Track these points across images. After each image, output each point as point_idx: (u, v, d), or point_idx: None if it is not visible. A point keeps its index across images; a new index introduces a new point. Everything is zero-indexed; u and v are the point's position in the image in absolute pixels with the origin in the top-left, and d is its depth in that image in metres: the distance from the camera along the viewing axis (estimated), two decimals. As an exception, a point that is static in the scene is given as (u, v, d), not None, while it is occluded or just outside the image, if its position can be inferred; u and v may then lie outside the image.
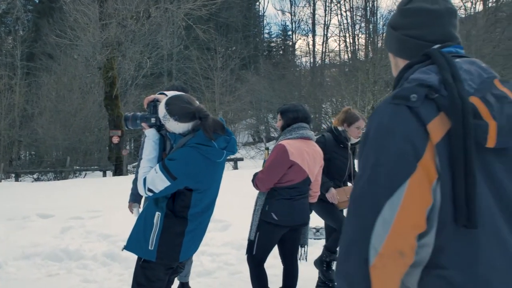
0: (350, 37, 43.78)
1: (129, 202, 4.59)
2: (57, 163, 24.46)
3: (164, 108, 2.93)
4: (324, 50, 45.72)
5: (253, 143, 36.82)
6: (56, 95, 27.34)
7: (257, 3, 48.94)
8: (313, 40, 46.67)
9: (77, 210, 8.75)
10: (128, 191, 4.63)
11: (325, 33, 45.76)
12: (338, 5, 44.84)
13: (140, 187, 2.93)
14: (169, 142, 3.08)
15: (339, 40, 46.04)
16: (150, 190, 2.88)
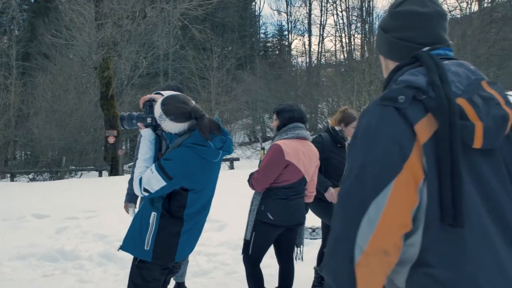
0: (346, 37, 43.86)
1: (125, 202, 4.57)
2: (53, 163, 24.36)
3: (160, 108, 2.92)
4: (320, 50, 45.79)
5: (249, 143, 36.83)
6: (52, 95, 27.24)
7: (253, 3, 48.93)
8: (309, 40, 46.60)
9: (73, 210, 8.74)
10: (124, 191, 4.61)
11: (321, 33, 45.75)
12: (334, 5, 44.91)
13: (136, 187, 2.93)
14: (165, 142, 3.08)
15: (335, 40, 46.27)
16: (146, 190, 2.88)
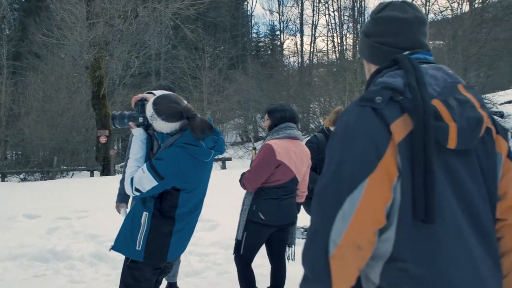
0: (338, 37, 43.94)
1: (117, 202, 4.57)
2: (44, 163, 24.25)
3: (152, 108, 2.92)
4: (312, 50, 45.89)
5: (241, 143, 36.83)
6: (43, 95, 27.09)
7: (245, 3, 48.99)
8: (301, 40, 46.68)
9: (64, 211, 8.70)
10: (116, 191, 4.61)
11: (313, 33, 45.83)
12: (326, 5, 45.01)
13: (127, 187, 2.92)
14: (157, 142, 3.07)
15: (327, 40, 46.29)
16: (137, 190, 2.87)
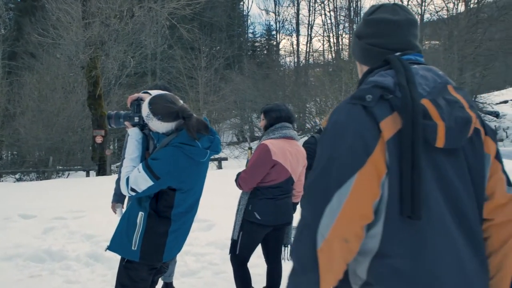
0: (334, 37, 44.07)
1: (112, 202, 4.55)
2: (40, 163, 24.17)
3: (148, 107, 2.91)
4: (308, 50, 45.98)
5: (237, 143, 36.83)
6: (39, 95, 27.00)
7: (241, 3, 49.02)
8: (297, 40, 46.77)
9: (60, 211, 8.68)
10: (112, 191, 4.60)
11: (309, 33, 45.95)
12: (322, 5, 45.13)
13: (123, 187, 2.92)
14: (152, 142, 3.06)
15: (323, 40, 46.51)
16: (133, 190, 2.87)
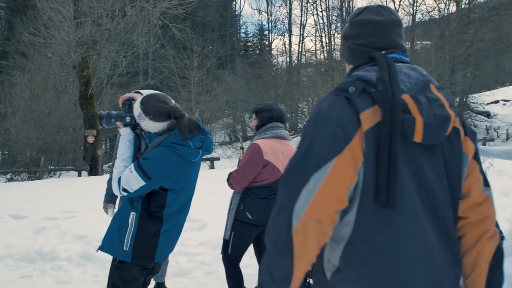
0: (326, 37, 44.17)
1: (104, 203, 4.54)
2: (31, 163, 24.05)
3: (139, 107, 2.90)
4: (301, 50, 46.09)
5: (230, 143, 36.81)
6: (30, 94, 26.86)
7: (234, 3, 48.99)
8: (290, 40, 46.83)
9: (52, 211, 8.65)
10: (103, 191, 4.59)
11: (301, 33, 46.10)
12: (314, 5, 45.24)
13: (115, 187, 2.91)
14: (144, 142, 3.06)
15: (315, 40, 46.59)
16: (125, 190, 2.86)
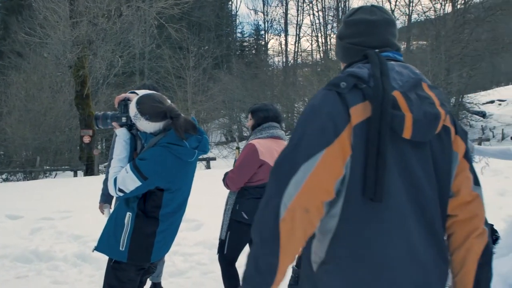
0: (322, 37, 44.17)
1: (100, 203, 4.53)
2: (27, 163, 23.98)
3: (135, 107, 2.90)
4: (297, 50, 46.07)
5: (226, 143, 36.80)
6: (26, 94, 26.79)
7: (230, 3, 48.93)
8: (286, 40, 46.84)
9: (47, 211, 8.63)
10: (99, 191, 4.58)
11: (298, 33, 46.03)
12: (310, 5, 45.24)
13: (111, 187, 2.91)
14: (140, 142, 3.05)
15: (312, 40, 46.50)
16: (121, 190, 2.86)
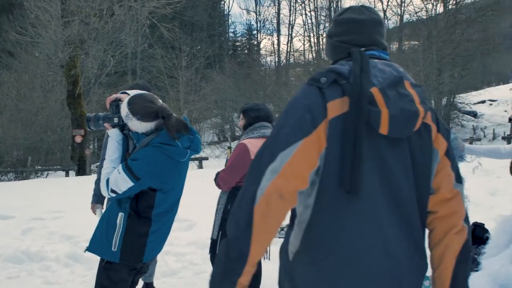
0: (315, 37, 44.26)
1: (92, 203, 4.51)
2: (18, 163, 23.86)
3: (127, 107, 2.89)
4: (289, 50, 46.11)
5: (218, 142, 36.77)
6: (17, 94, 26.63)
7: (222, 2, 48.88)
8: (278, 40, 46.90)
9: (39, 211, 8.59)
10: (91, 191, 4.56)
11: (290, 33, 46.08)
12: (303, 5, 45.28)
13: (103, 188, 2.90)
14: (132, 142, 3.05)
15: (304, 40, 46.60)
16: (113, 191, 2.85)
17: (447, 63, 32.21)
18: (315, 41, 43.97)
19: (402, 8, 37.97)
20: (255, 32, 48.61)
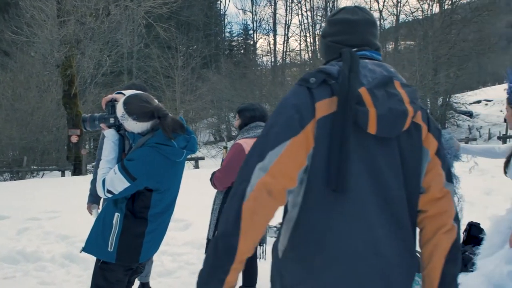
0: (311, 37, 44.33)
1: (88, 203, 4.50)
2: (14, 163, 23.79)
3: (122, 107, 2.89)
4: (285, 50, 46.15)
5: (214, 142, 36.79)
6: (12, 93, 26.56)
7: (218, 2, 48.89)
8: (274, 40, 46.94)
9: (35, 211, 8.57)
10: (87, 191, 4.55)
11: (286, 33, 46.20)
12: (299, 5, 45.34)
13: (99, 189, 2.89)
14: (128, 142, 3.05)
15: (300, 40, 46.60)
16: (109, 192, 2.85)
17: (443, 63, 32.30)
18: (311, 41, 44.07)
19: (398, 8, 38.08)
20: (251, 32, 48.73)
